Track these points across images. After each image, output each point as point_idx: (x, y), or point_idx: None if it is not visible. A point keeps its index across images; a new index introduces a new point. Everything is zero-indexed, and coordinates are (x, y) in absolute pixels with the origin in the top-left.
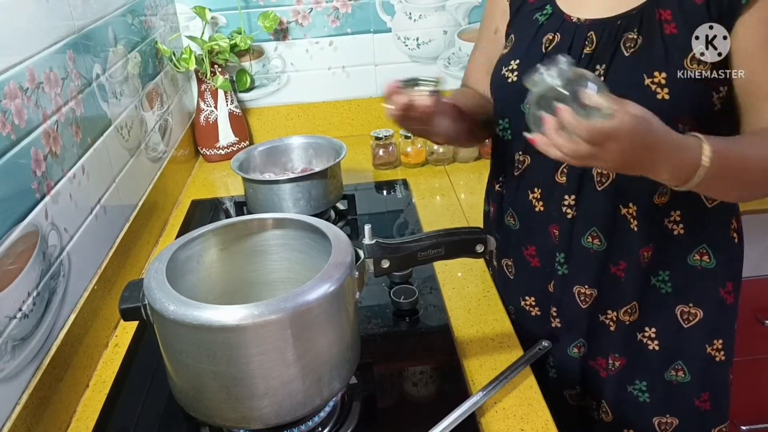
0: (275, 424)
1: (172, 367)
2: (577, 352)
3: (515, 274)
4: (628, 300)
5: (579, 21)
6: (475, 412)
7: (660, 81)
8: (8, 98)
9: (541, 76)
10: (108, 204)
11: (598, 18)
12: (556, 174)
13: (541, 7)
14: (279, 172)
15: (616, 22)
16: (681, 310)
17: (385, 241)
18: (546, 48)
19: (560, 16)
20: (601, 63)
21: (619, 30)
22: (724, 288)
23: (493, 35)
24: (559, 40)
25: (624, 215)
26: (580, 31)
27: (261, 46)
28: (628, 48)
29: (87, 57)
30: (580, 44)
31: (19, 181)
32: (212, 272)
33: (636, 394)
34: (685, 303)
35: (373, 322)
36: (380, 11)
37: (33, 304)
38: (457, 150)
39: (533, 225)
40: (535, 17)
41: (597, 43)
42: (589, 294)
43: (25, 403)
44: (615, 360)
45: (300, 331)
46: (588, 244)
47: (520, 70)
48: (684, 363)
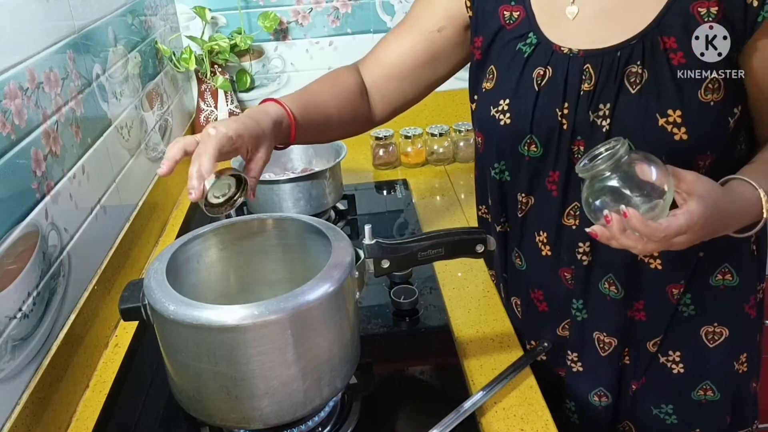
0: (275, 424)
1: (172, 367)
2: (598, 401)
3: (522, 314)
4: (653, 336)
5: (571, 52)
6: (475, 412)
7: (676, 120)
8: (8, 98)
9: (594, 165)
10: (108, 204)
11: (594, 48)
12: (563, 217)
13: (523, 36)
14: (279, 172)
15: (615, 53)
16: (706, 330)
17: (385, 241)
18: (538, 84)
19: (548, 47)
20: (605, 102)
21: (620, 63)
22: (747, 303)
23: (434, 32)
24: (551, 74)
25: (643, 258)
26: (575, 63)
27: (261, 46)
28: (633, 84)
29: (87, 57)
30: (577, 79)
31: (19, 181)
32: (212, 272)
33: (662, 417)
34: (709, 323)
35: (373, 322)
36: (380, 11)
37: (33, 304)
38: (457, 150)
39: (540, 270)
40: (518, 47)
41: (596, 78)
42: (608, 342)
43: (25, 403)
44: (635, 384)
45: (300, 331)
46: (605, 290)
47: (512, 111)
48: (712, 383)
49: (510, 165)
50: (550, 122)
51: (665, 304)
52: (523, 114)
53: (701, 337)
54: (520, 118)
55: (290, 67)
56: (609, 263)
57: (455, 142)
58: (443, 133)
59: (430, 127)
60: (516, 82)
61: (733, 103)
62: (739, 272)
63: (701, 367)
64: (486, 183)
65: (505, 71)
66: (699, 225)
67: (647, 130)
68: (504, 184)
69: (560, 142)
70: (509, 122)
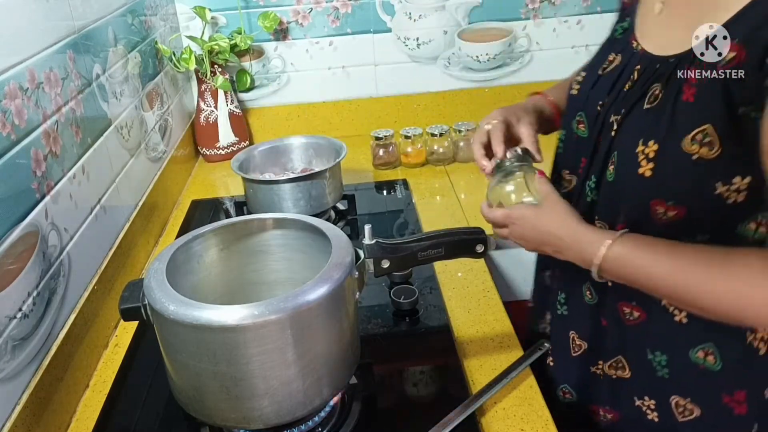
0: (275, 424)
1: (172, 367)
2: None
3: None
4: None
5: (636, 48)
6: (475, 412)
7: (648, 153)
8: (8, 98)
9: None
10: (108, 204)
11: (650, 52)
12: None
13: (624, 18)
14: (279, 172)
15: (657, 63)
16: (676, 401)
17: (385, 241)
18: (604, 69)
19: (630, 36)
20: (619, 111)
21: (652, 76)
22: (730, 395)
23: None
24: (617, 63)
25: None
26: (633, 60)
27: (261, 46)
28: (648, 100)
29: (87, 57)
30: (626, 77)
31: (19, 181)
32: (212, 272)
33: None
34: (682, 395)
35: (373, 322)
36: (380, 11)
37: (33, 304)
38: (457, 150)
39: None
40: (616, 27)
41: (635, 82)
42: (579, 345)
43: (25, 403)
44: (607, 413)
45: (300, 331)
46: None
47: (581, 85)
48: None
49: (565, 137)
50: (594, 109)
51: (619, 324)
52: (583, 92)
53: (671, 405)
54: (582, 94)
55: (290, 67)
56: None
57: (455, 142)
58: (443, 133)
59: (430, 127)
60: (596, 60)
61: (732, 171)
62: (724, 357)
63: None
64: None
65: (601, 46)
66: (519, 221)
67: (623, 152)
68: (558, 156)
69: (602, 130)
70: (576, 93)
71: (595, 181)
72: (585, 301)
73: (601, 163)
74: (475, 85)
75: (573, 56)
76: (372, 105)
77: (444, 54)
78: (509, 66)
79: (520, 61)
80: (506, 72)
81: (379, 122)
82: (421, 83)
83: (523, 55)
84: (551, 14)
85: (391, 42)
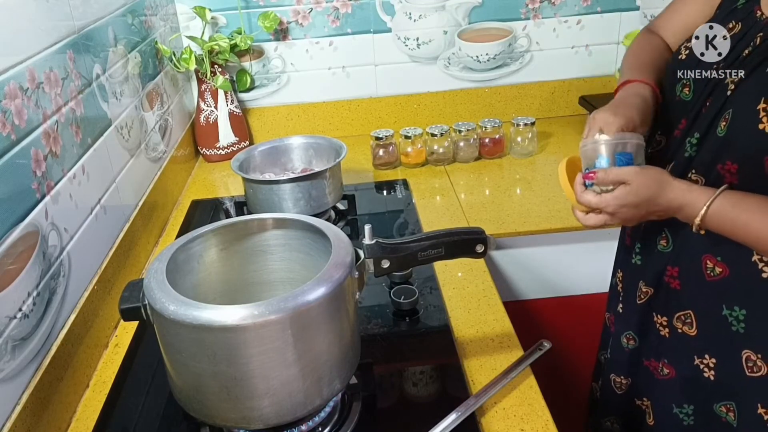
0: (275, 424)
1: (172, 367)
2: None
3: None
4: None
5: (760, 17)
6: (475, 412)
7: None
8: (8, 98)
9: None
10: (108, 204)
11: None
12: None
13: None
14: (279, 172)
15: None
16: (747, 356)
17: (385, 241)
18: (724, 36)
19: (754, 5)
20: (738, 73)
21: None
22: None
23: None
24: (737, 31)
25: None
26: (756, 28)
27: (261, 46)
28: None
29: (87, 57)
30: (747, 43)
31: (19, 181)
32: (212, 272)
33: (681, 417)
34: (754, 350)
35: (373, 322)
36: (380, 11)
37: (33, 304)
38: (457, 150)
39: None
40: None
41: (755, 47)
42: (645, 292)
43: (25, 403)
44: (665, 366)
45: (300, 331)
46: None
47: (690, 49)
48: (737, 406)
49: (662, 102)
50: (706, 73)
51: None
52: (693, 56)
53: (742, 360)
54: (690, 59)
55: (290, 67)
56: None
57: (455, 142)
58: (443, 133)
59: (430, 127)
60: (713, 24)
61: None
62: None
63: (733, 384)
64: None
65: (717, 15)
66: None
67: (744, 110)
68: (657, 116)
69: (712, 92)
70: (684, 58)
71: (698, 137)
72: (659, 249)
73: (708, 122)
74: (475, 85)
75: (573, 56)
76: (372, 105)
77: (444, 54)
78: (509, 66)
79: (520, 61)
80: (506, 72)
81: (379, 122)
82: (421, 83)
83: (523, 55)
84: (551, 14)
85: (391, 42)
